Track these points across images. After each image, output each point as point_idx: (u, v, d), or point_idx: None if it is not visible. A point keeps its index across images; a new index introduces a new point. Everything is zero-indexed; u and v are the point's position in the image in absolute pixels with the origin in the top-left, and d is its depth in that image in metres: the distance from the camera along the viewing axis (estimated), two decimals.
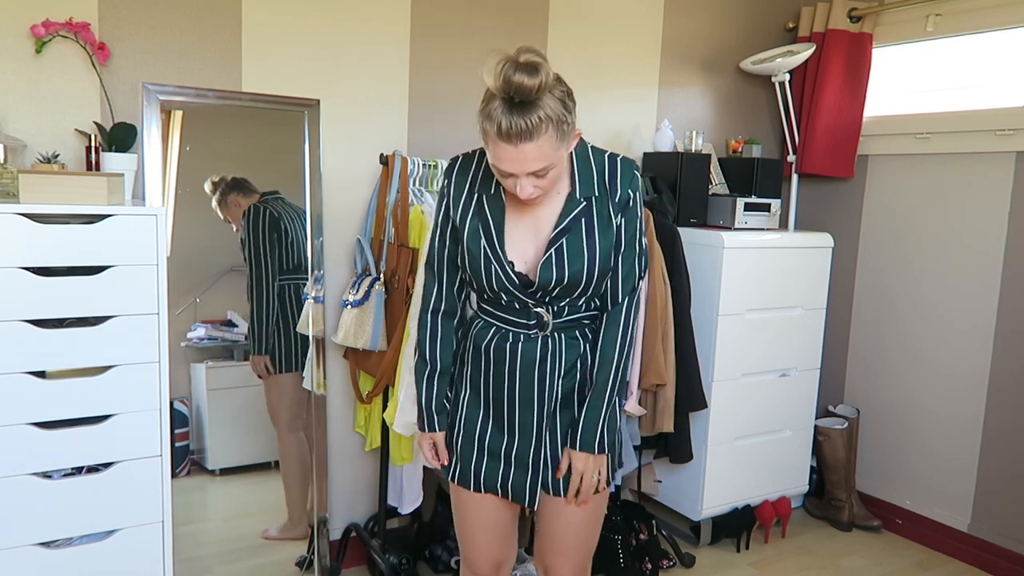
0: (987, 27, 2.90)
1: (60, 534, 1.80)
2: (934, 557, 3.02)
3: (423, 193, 2.44)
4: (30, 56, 2.06)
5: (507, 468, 1.63)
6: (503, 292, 1.56)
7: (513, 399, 1.61)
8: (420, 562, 2.67)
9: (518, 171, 1.39)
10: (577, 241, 1.52)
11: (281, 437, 2.55)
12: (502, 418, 1.63)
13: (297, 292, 2.48)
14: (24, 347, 1.71)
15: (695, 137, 3.05)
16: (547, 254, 1.52)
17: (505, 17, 2.76)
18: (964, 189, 2.97)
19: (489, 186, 1.56)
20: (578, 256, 1.52)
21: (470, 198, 1.57)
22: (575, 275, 1.52)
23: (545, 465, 1.63)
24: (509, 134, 1.34)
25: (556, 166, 1.42)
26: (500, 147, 1.37)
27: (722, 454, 2.92)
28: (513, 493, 1.64)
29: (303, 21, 2.42)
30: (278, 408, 2.54)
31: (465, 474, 1.67)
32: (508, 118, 1.33)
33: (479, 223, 1.55)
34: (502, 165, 1.40)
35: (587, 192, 1.53)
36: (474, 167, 1.59)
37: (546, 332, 1.58)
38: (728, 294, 2.82)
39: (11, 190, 1.87)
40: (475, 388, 1.66)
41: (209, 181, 2.39)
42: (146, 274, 1.82)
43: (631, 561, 2.66)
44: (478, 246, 1.55)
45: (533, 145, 1.35)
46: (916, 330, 3.14)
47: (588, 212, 1.53)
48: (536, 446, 1.62)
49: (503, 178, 1.44)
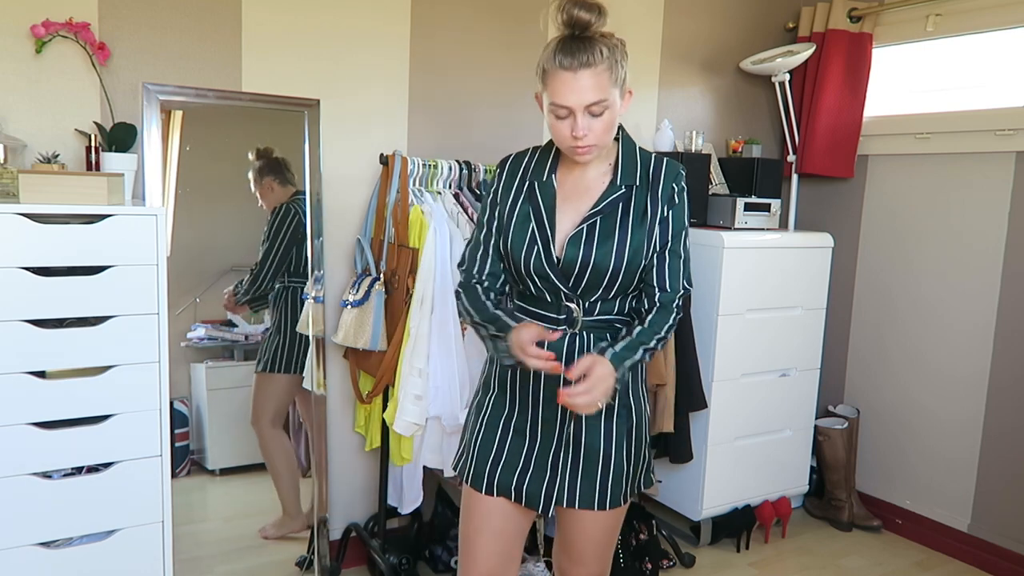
0: (987, 27, 2.90)
1: (60, 534, 1.80)
2: (934, 557, 3.02)
3: (423, 193, 2.44)
4: (30, 56, 2.06)
5: (524, 470, 1.61)
6: (539, 276, 1.55)
7: (538, 401, 1.60)
8: (420, 562, 2.68)
9: (575, 103, 1.44)
10: (610, 224, 1.53)
11: (263, 434, 2.53)
12: (525, 418, 1.61)
13: (296, 295, 2.48)
14: (24, 347, 1.71)
15: (695, 137, 3.05)
16: (577, 228, 1.53)
17: (505, 17, 2.76)
18: (964, 189, 2.97)
19: (541, 174, 1.60)
20: (608, 239, 1.52)
21: (521, 186, 1.61)
22: (602, 257, 1.52)
23: (563, 475, 1.59)
24: (569, 61, 1.43)
25: (611, 109, 1.47)
26: (559, 77, 1.44)
27: (722, 454, 2.92)
28: (527, 497, 1.61)
29: (303, 21, 2.42)
30: (264, 406, 2.53)
31: (479, 475, 1.64)
32: (568, 47, 1.44)
33: (530, 207, 1.59)
34: (559, 98, 1.45)
35: (629, 180, 1.56)
36: (526, 160, 1.64)
37: (575, 330, 1.56)
38: (728, 294, 2.82)
39: (11, 190, 1.87)
40: (502, 387, 1.65)
41: (255, 149, 2.42)
42: (146, 274, 1.82)
43: (631, 561, 2.66)
44: (525, 229, 1.57)
45: (590, 72, 1.43)
46: (916, 330, 3.14)
47: (627, 199, 1.55)
48: (556, 451, 1.59)
49: (559, 121, 1.48)
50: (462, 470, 1.69)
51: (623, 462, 1.60)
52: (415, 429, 2.35)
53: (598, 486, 1.59)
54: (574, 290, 1.55)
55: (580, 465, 1.59)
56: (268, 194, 2.45)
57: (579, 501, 1.59)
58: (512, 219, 1.59)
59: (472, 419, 1.71)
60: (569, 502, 1.59)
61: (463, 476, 1.68)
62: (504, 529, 1.65)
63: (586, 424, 1.58)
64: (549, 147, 1.64)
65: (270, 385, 2.53)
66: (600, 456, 1.59)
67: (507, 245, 1.59)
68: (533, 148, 1.66)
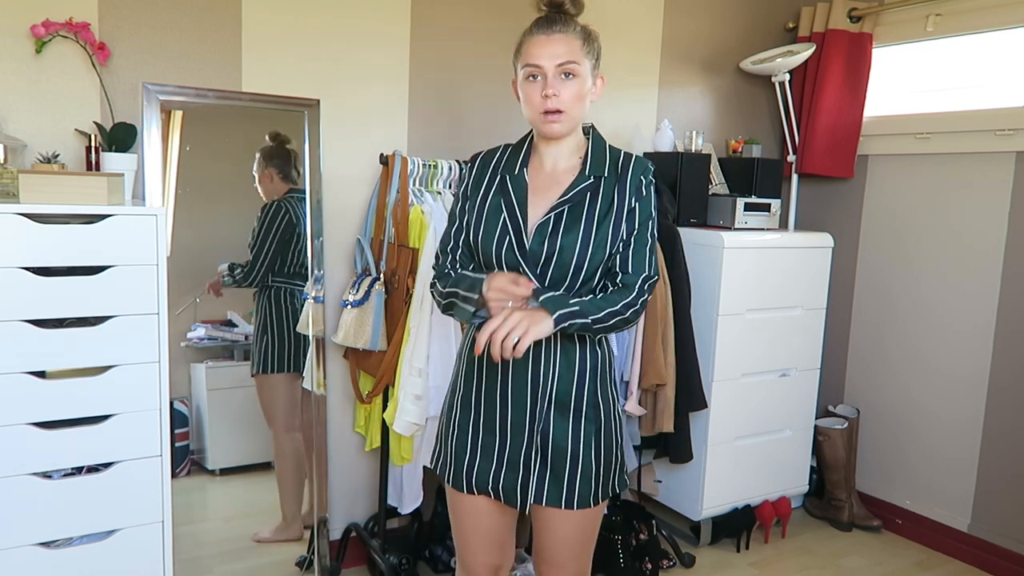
0: (987, 27, 2.90)
1: (60, 534, 1.80)
2: (934, 557, 3.02)
3: (423, 193, 2.44)
4: (30, 56, 2.06)
5: (499, 468, 1.62)
6: (509, 268, 1.56)
7: (505, 400, 1.61)
8: (420, 562, 2.68)
9: (547, 61, 1.51)
10: (577, 213, 1.56)
11: (277, 437, 2.54)
12: (494, 419, 1.63)
13: (294, 296, 2.48)
14: (24, 347, 1.71)
15: (695, 137, 3.05)
16: (545, 217, 1.56)
17: (505, 17, 2.76)
18: (964, 189, 2.97)
19: (513, 168, 1.64)
20: (574, 227, 1.55)
21: (492, 180, 1.65)
22: (568, 246, 1.54)
23: (537, 470, 1.61)
24: (544, 28, 1.53)
25: (581, 79, 1.53)
26: (533, 41, 1.54)
27: (722, 454, 2.92)
28: (504, 495, 1.63)
29: (303, 21, 2.42)
30: (272, 408, 2.53)
31: (458, 475, 1.66)
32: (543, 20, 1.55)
33: (501, 199, 1.62)
34: (531, 58, 1.53)
35: (598, 171, 1.59)
36: (497, 155, 1.68)
37: None
38: (728, 294, 2.82)
39: (11, 190, 1.87)
40: (468, 388, 1.66)
41: (272, 132, 2.41)
42: (146, 274, 1.82)
43: (631, 561, 2.66)
44: (496, 221, 1.60)
45: (563, 36, 1.52)
46: (916, 330, 3.14)
47: (595, 190, 1.58)
48: (528, 447, 1.61)
49: (530, 84, 1.54)
50: (442, 470, 1.71)
51: (591, 462, 1.61)
52: (415, 429, 2.35)
53: (565, 485, 1.60)
54: (541, 282, 1.56)
55: (548, 464, 1.61)
56: (267, 183, 2.44)
57: (547, 499, 1.61)
58: (484, 212, 1.62)
59: (444, 420, 1.73)
60: (537, 499, 1.61)
61: (444, 477, 1.71)
62: (492, 525, 1.69)
63: (553, 423, 1.60)
64: (520, 144, 1.67)
65: (268, 386, 2.53)
66: (568, 455, 1.60)
67: (477, 237, 1.62)
68: (504, 145, 1.70)
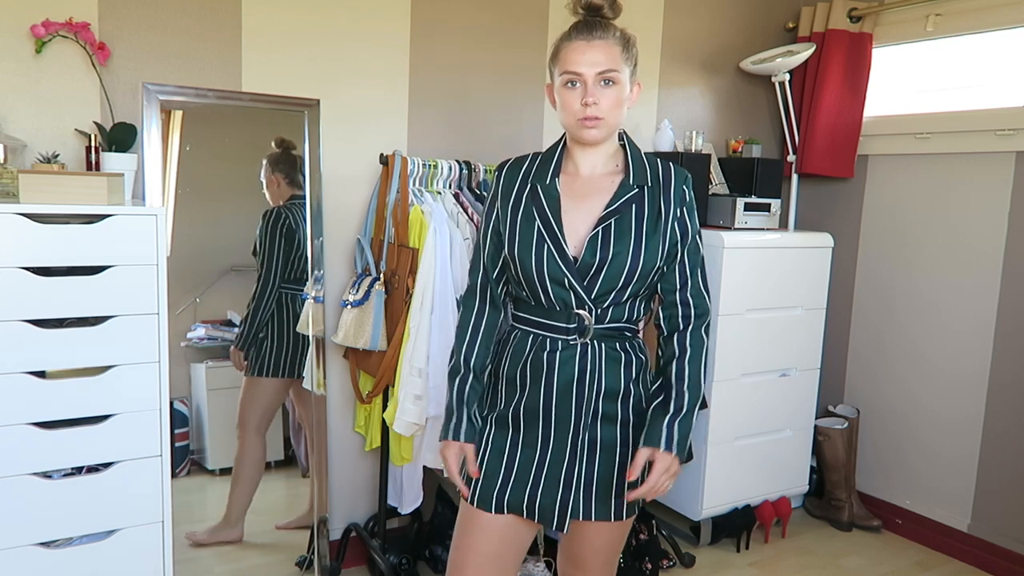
0: (987, 27, 2.90)
1: (60, 534, 1.80)
2: (934, 557, 3.02)
3: (423, 193, 2.44)
4: (30, 56, 2.06)
5: (535, 486, 1.56)
6: (551, 281, 1.52)
7: (549, 414, 1.56)
8: (420, 562, 2.67)
9: (587, 70, 1.47)
10: (626, 224, 1.52)
11: (245, 438, 2.50)
12: (535, 433, 1.57)
13: (294, 300, 2.48)
14: (24, 347, 1.71)
15: (695, 137, 3.05)
16: (594, 230, 1.51)
17: (505, 17, 2.76)
18: (964, 189, 2.97)
19: (544, 177, 1.58)
20: (624, 239, 1.51)
21: (523, 189, 1.59)
22: (619, 258, 1.50)
23: (578, 487, 1.56)
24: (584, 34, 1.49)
25: (620, 86, 1.50)
26: (572, 46, 1.49)
27: (722, 454, 2.92)
28: (540, 513, 1.56)
29: (303, 21, 2.42)
30: (249, 410, 2.51)
31: (486, 494, 1.58)
32: (582, 25, 1.51)
33: (534, 208, 1.56)
34: (571, 65, 1.48)
35: (640, 180, 1.55)
36: (527, 164, 1.62)
37: (586, 339, 1.54)
38: (728, 294, 2.82)
39: (11, 190, 1.87)
40: (508, 403, 1.60)
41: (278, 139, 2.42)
42: (146, 274, 1.82)
43: (631, 561, 2.66)
44: (531, 230, 1.54)
45: (603, 43, 1.48)
46: (916, 330, 3.14)
47: (640, 200, 1.54)
48: (569, 464, 1.56)
49: (569, 91, 1.50)
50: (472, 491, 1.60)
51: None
52: (415, 429, 2.35)
53: (614, 497, 1.57)
54: (588, 293, 1.51)
55: (595, 477, 1.57)
56: (273, 188, 2.44)
57: (595, 514, 1.57)
58: (517, 223, 1.56)
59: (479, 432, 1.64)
60: (585, 515, 1.57)
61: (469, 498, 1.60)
62: (498, 554, 1.60)
63: (601, 433, 1.56)
64: (551, 152, 1.61)
65: (258, 389, 2.52)
66: (616, 464, 1.57)
67: (513, 249, 1.55)
68: (533, 154, 1.63)
